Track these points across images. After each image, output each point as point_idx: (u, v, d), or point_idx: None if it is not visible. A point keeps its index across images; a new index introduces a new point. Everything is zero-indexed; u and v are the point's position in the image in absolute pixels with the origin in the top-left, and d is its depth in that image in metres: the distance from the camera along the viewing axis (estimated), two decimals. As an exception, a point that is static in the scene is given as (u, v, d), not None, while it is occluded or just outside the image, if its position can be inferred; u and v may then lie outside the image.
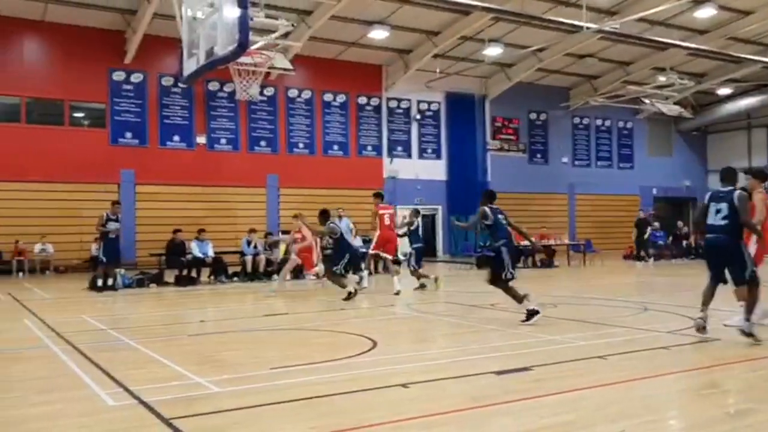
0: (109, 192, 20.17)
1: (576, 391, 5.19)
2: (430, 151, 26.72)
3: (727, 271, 7.13)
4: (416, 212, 14.57)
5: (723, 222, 7.08)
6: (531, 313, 8.33)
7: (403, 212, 12.98)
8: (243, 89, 16.64)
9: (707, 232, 7.30)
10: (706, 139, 34.07)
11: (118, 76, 21.10)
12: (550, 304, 10.11)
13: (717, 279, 7.29)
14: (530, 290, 8.84)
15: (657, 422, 4.61)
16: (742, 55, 24.76)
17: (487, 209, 8.74)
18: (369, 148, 25.29)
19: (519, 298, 8.51)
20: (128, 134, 21.20)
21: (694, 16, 22.21)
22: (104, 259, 14.13)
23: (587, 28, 19.75)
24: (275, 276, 15.56)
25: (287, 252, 17.75)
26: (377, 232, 13.05)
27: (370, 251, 13.71)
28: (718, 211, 7.19)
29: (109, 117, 21.02)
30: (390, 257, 13.10)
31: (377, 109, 25.53)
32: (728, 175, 7.37)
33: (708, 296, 7.37)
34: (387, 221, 13.01)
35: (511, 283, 8.56)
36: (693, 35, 23.71)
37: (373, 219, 13.21)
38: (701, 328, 7.33)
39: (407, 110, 26.26)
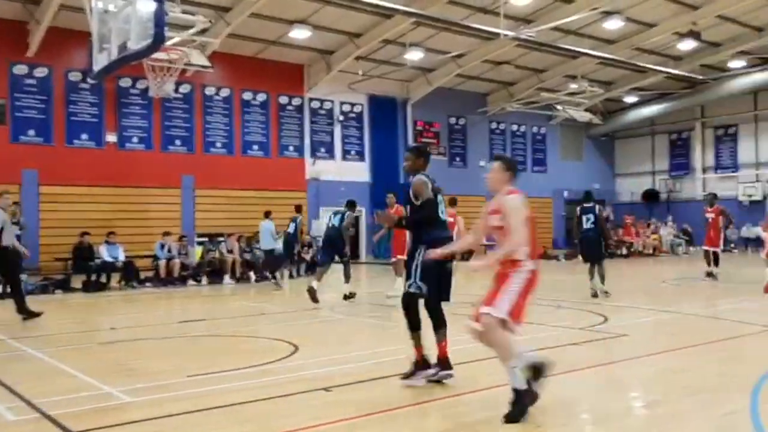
0: (10, 193, 19.01)
1: (493, 389, 5.26)
2: (353, 152, 26.68)
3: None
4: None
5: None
6: None
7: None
8: (157, 86, 16.13)
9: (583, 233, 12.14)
10: (613, 144, 35.59)
11: (20, 69, 19.95)
12: (468, 303, 10.25)
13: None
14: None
15: (570, 417, 4.75)
16: (647, 65, 26.06)
17: None
18: (291, 148, 24.99)
19: None
20: (31, 132, 20.08)
21: (603, 26, 23.13)
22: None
23: (504, 35, 20.24)
24: None
25: (203, 256, 17.36)
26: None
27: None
28: (587, 219, 12.12)
29: (9, 113, 19.84)
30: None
31: (299, 109, 25.26)
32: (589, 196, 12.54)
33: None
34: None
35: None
36: (602, 45, 24.70)
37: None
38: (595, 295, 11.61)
39: (330, 111, 26.11)
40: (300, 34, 21.92)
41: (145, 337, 8.64)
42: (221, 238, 17.95)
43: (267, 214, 16.81)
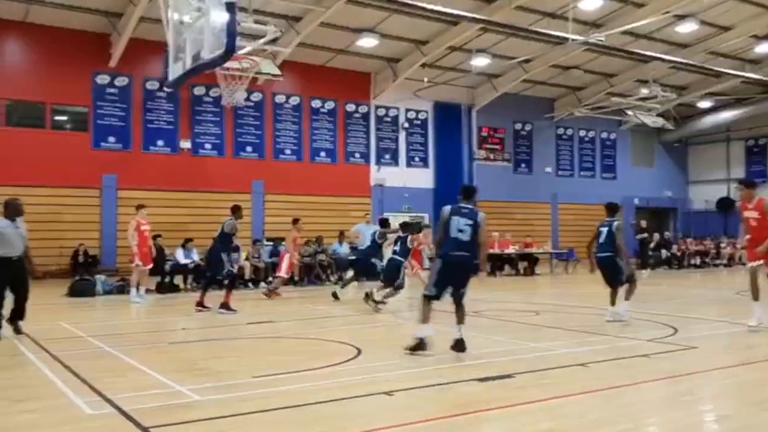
0: (91, 197, 20.03)
1: (557, 399, 5.22)
2: (417, 159, 26.77)
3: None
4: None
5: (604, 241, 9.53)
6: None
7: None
8: (229, 94, 16.59)
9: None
10: (687, 151, 34.41)
11: (102, 79, 20.94)
12: (532, 312, 10.16)
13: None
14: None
15: (636, 430, 4.65)
16: (722, 70, 25.08)
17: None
18: (357, 155, 25.29)
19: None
20: (111, 138, 21.03)
21: (676, 30, 22.45)
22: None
23: (573, 40, 19.91)
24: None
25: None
26: None
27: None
28: (600, 233, 9.62)
29: (91, 121, 20.83)
30: None
31: (365, 116, 25.53)
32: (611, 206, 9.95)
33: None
34: None
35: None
36: (675, 49, 23.96)
37: None
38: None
39: (395, 118, 26.28)
40: (367, 42, 22.17)
41: (215, 338, 8.91)
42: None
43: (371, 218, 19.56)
